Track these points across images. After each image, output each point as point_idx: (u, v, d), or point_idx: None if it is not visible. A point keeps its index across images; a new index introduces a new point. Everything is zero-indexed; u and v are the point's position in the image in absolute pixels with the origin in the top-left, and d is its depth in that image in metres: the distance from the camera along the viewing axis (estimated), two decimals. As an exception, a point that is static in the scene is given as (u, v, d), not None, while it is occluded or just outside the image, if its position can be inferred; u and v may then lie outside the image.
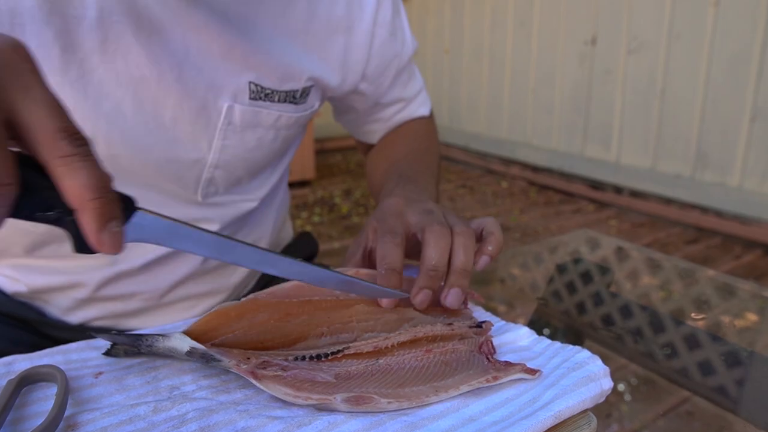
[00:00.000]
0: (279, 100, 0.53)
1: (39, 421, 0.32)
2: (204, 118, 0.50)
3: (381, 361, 0.37)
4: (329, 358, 0.38)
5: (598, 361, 0.39)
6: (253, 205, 0.59)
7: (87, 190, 0.27)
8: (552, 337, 0.42)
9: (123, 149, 0.48)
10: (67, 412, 0.34)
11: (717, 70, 2.44)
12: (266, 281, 0.68)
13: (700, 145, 2.55)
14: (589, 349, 0.40)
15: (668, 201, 2.69)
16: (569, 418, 0.35)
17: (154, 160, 0.49)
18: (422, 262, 0.43)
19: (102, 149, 0.47)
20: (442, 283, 0.43)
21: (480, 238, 0.47)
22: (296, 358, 0.37)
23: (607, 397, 0.37)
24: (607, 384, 0.37)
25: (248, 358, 0.36)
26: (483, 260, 0.46)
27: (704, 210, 2.56)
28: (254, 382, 0.35)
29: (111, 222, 0.29)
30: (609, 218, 2.75)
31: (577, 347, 0.40)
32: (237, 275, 0.63)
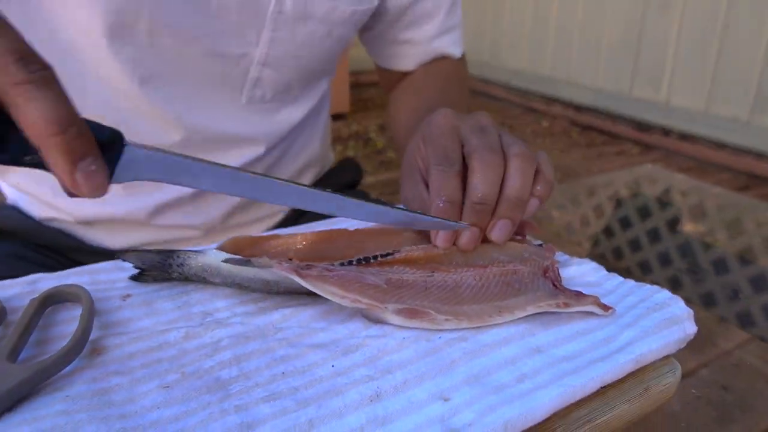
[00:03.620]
0: None
1: (63, 343, 0.29)
2: (253, 4, 0.46)
3: (436, 275, 0.33)
4: (378, 260, 0.34)
5: (681, 303, 0.34)
6: (300, 115, 0.55)
7: (47, 123, 0.23)
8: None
9: (167, 37, 0.45)
10: (92, 335, 0.31)
11: (787, 2, 2.24)
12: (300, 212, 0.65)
13: (762, 86, 2.37)
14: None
15: (719, 145, 2.55)
16: (651, 364, 0.30)
17: (198, 53, 0.46)
18: (468, 194, 0.36)
19: (144, 37, 0.44)
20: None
21: None
22: (342, 263, 0.33)
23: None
24: (691, 328, 0.33)
25: (290, 259, 0.33)
26: (532, 204, 0.37)
27: (759, 156, 2.42)
28: (297, 279, 0.30)
29: (84, 160, 0.24)
30: (654, 161, 2.63)
31: (656, 287, 0.36)
32: None
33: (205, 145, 0.50)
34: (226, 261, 0.33)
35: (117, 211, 0.51)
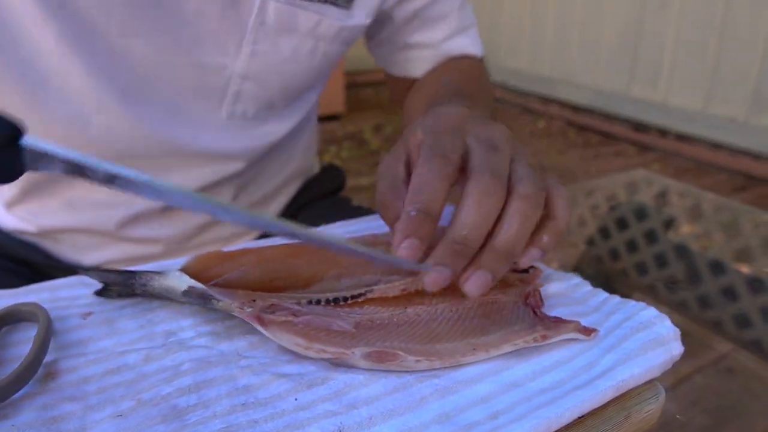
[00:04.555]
0: (320, 0, 0.46)
1: (14, 366, 0.28)
2: (233, 13, 0.43)
3: (409, 310, 0.32)
4: (348, 302, 0.32)
5: (667, 321, 0.33)
6: (283, 131, 0.53)
7: None
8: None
9: (139, 45, 0.42)
10: (48, 357, 0.29)
11: (785, 2, 2.22)
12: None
13: (760, 86, 2.36)
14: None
15: (717, 146, 2.53)
16: (633, 389, 0.29)
17: (175, 63, 0.44)
18: (450, 227, 0.29)
19: (118, 41, 0.42)
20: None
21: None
22: (310, 302, 0.32)
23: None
24: (677, 349, 0.31)
25: (254, 300, 0.31)
26: (530, 255, 0.32)
27: (756, 156, 2.41)
28: (260, 329, 0.30)
29: None
30: (652, 162, 2.62)
31: (641, 303, 0.34)
32: (271, 211, 0.58)
33: (182, 161, 0.48)
34: (186, 292, 0.31)
35: (82, 220, 0.49)
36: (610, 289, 0.37)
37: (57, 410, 0.26)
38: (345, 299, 0.32)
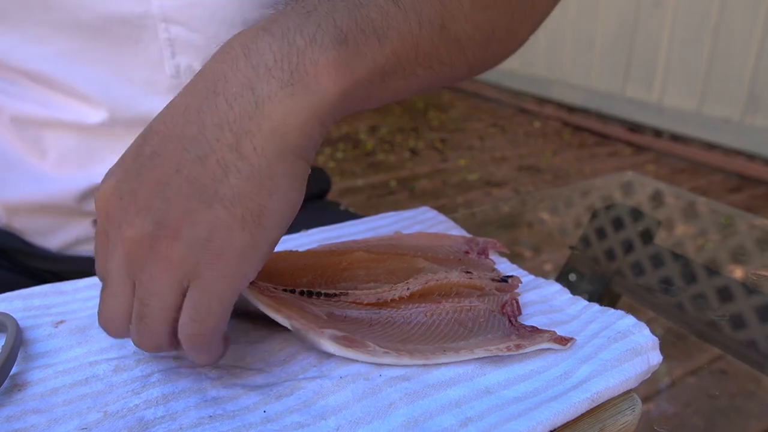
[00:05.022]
0: None
1: (-19, 378, 0.27)
2: None
3: (383, 312, 0.32)
4: (321, 297, 0.32)
5: (646, 330, 0.32)
6: None
7: None
8: (577, 285, 0.36)
9: (61, 9, 0.42)
10: (16, 368, 0.29)
11: (779, 3, 2.23)
12: None
13: (754, 86, 2.37)
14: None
15: (711, 146, 2.54)
16: (609, 401, 0.29)
17: (97, 19, 0.43)
18: None
19: (41, 14, 0.42)
20: None
21: None
22: (285, 290, 0.32)
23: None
24: (656, 358, 0.31)
25: None
26: None
27: (751, 157, 2.41)
28: None
29: None
30: (646, 163, 2.62)
31: (620, 312, 0.34)
32: None
33: (132, 128, 0.46)
34: None
35: (42, 193, 0.48)
36: (605, 290, 0.36)
37: (21, 422, 0.26)
38: (318, 294, 0.32)
